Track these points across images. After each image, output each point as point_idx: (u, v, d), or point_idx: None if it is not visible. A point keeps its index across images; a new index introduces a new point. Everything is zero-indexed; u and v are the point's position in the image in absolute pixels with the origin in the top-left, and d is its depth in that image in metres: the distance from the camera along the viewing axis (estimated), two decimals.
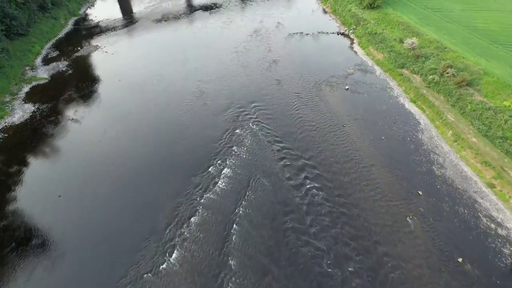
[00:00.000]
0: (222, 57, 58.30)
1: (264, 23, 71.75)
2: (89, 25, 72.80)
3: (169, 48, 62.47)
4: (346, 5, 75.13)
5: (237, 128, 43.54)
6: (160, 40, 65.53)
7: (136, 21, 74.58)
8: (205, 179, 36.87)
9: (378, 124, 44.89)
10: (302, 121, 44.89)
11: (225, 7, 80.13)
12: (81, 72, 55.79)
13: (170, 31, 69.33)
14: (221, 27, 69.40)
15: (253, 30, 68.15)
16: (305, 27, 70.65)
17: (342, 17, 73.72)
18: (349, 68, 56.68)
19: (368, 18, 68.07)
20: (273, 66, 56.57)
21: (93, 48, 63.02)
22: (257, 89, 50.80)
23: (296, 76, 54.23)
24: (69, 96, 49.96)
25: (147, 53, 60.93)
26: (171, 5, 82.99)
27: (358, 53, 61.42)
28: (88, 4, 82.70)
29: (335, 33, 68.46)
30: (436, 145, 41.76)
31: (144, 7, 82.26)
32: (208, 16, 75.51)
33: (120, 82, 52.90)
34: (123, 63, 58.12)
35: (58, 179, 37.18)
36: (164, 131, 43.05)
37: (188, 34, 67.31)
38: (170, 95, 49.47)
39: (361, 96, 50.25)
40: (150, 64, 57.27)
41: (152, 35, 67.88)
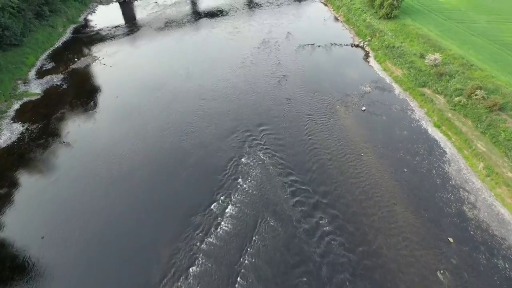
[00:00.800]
0: (228, 72, 54.11)
1: (273, 33, 67.44)
2: (89, 33, 69.06)
3: (171, 60, 58.43)
4: (361, 14, 70.56)
5: (243, 156, 39.36)
6: (162, 51, 61.56)
7: (137, 29, 70.73)
8: (207, 219, 32.76)
9: (399, 153, 40.44)
10: (316, 149, 40.57)
11: (232, 15, 75.96)
12: (76, 87, 51.97)
13: (173, 41, 65.35)
14: (227, 37, 65.24)
15: (261, 41, 63.88)
16: (316, 37, 66.24)
17: (356, 27, 69.17)
18: (365, 86, 52.22)
19: (384, 29, 63.48)
20: (283, 82, 52.29)
21: (91, 59, 59.23)
22: (265, 110, 46.56)
23: (308, 94, 49.91)
24: (62, 115, 46.13)
25: (148, 66, 56.96)
26: (175, 11, 79.04)
27: (375, 68, 56.89)
28: (89, 10, 79.02)
29: (349, 45, 63.95)
30: (465, 180, 37.21)
31: (147, 14, 78.38)
32: (214, 24, 71.41)
33: (117, 100, 48.98)
34: (121, 77, 54.21)
35: (41, 217, 33.29)
36: (162, 160, 38.93)
37: (192, 45, 63.23)
38: (170, 116, 45.40)
39: (379, 119, 45.79)
40: (150, 79, 53.28)
41: (153, 45, 63.95)
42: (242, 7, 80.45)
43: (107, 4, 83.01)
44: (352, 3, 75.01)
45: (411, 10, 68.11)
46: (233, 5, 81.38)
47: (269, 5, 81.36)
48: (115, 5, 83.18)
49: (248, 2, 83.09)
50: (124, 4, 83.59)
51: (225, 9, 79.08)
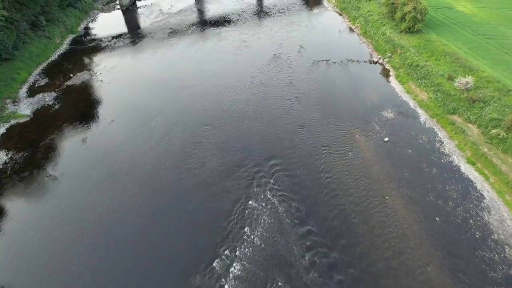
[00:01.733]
0: (235, 95, 49.12)
1: (284, 47, 62.45)
2: (88, 44, 64.81)
3: (172, 78, 53.76)
4: (379, 27, 65.23)
5: (251, 198, 34.52)
6: (163, 67, 56.94)
7: (139, 39, 66.29)
8: (208, 281, 28.01)
9: (429, 197, 35.23)
10: (333, 191, 35.55)
11: (240, 26, 71.11)
12: (69, 108, 47.60)
13: (176, 55, 60.72)
14: (234, 52, 60.31)
15: (272, 57, 58.93)
16: (331, 52, 61.13)
17: (374, 41, 63.86)
18: (387, 111, 47.01)
19: (406, 45, 58.10)
20: (295, 106, 47.31)
21: (88, 75, 54.85)
22: (276, 140, 41.63)
23: (323, 121, 44.88)
24: (51, 142, 41.76)
25: (147, 84, 52.41)
26: (180, 20, 74.47)
27: (396, 90, 51.60)
28: (89, 19, 74.80)
29: (367, 62, 58.69)
30: (511, 234, 31.93)
31: (150, 23, 73.95)
32: (220, 36, 66.62)
33: (112, 124, 44.47)
34: (118, 98, 49.73)
35: (16, 272, 28.85)
36: (157, 205, 34.07)
37: (196, 60, 58.46)
38: (169, 146, 40.71)
39: (404, 152, 40.58)
40: (149, 100, 48.75)
41: (155, 59, 59.40)
42: (251, 16, 75.61)
43: (108, 12, 78.83)
44: (370, 14, 69.69)
45: (435, 23, 62.60)
46: (241, 14, 76.56)
47: (280, 15, 76.36)
48: (117, 12, 78.94)
49: (258, 12, 78.22)
50: (127, 12, 79.30)
51: (233, 19, 74.32)
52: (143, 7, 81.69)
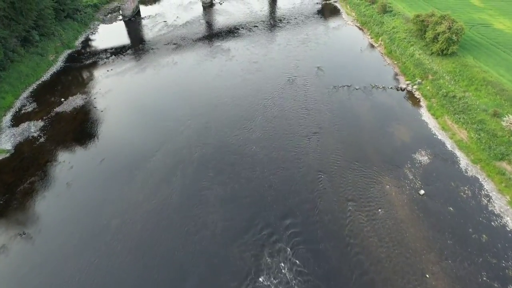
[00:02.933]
0: (245, 131, 42.48)
1: (300, 68, 56.03)
2: (85, 61, 59.20)
3: (174, 106, 47.78)
4: (407, 46, 58.31)
5: (262, 274, 28.25)
6: (164, 92, 50.93)
7: (140, 56, 60.50)
8: None
9: (481, 276, 28.53)
10: (361, 264, 29.08)
11: (251, 41, 64.84)
12: (56, 141, 41.90)
13: (178, 78, 54.64)
14: (244, 76, 53.66)
15: (286, 81, 52.55)
16: (353, 75, 54.58)
17: (401, 63, 57.00)
18: (420, 153, 40.31)
19: (439, 70, 51.20)
20: (313, 145, 40.89)
21: (81, 99, 49.19)
22: (292, 192, 35.17)
23: (346, 165, 38.40)
24: (30, 187, 36.07)
25: (146, 113, 46.49)
26: (185, 34, 68.54)
27: (430, 126, 44.79)
28: (88, 31, 69.30)
29: (394, 88, 51.94)
30: None
31: (154, 36, 68.16)
32: (228, 55, 60.41)
33: (102, 165, 38.65)
34: (112, 129, 43.90)
35: None
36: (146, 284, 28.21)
37: (202, 84, 52.29)
38: (166, 197, 34.53)
39: (444, 211, 33.87)
40: (146, 133, 42.84)
41: (155, 82, 53.45)
42: (263, 31, 69.28)
43: (110, 23, 73.26)
44: (395, 31, 62.79)
45: (471, 44, 55.51)
46: (252, 28, 70.34)
47: (294, 29, 69.89)
48: (119, 24, 73.33)
49: (270, 26, 71.83)
50: (130, 23, 73.69)
51: (243, 34, 68.09)
52: (147, 18, 76.00)
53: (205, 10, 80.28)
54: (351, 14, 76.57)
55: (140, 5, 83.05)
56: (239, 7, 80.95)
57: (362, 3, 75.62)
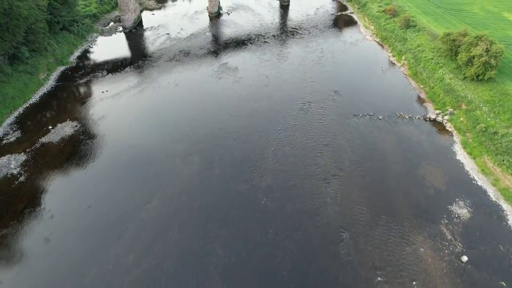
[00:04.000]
0: (253, 176, 36.29)
1: (315, 91, 50.24)
2: (79, 79, 54.07)
3: (173, 138, 42.23)
4: (435, 68, 52.18)
5: None
6: (163, 120, 45.35)
7: (139, 75, 55.13)
8: None
9: None
10: None
11: (260, 58, 59.09)
12: (37, 181, 36.72)
13: (180, 102, 49.04)
14: (252, 104, 47.49)
15: (299, 108, 46.80)
16: (374, 101, 48.76)
17: (428, 88, 50.93)
18: (457, 204, 34.37)
19: (474, 99, 45.08)
20: (332, 192, 35.09)
21: (70, 127, 43.97)
22: (310, 261, 29.46)
23: (372, 220, 32.61)
24: (2, 242, 30.98)
25: (141, 147, 41.05)
26: (189, 48, 63.15)
27: (467, 168, 38.74)
28: (85, 44, 64.20)
29: (421, 118, 45.94)
30: None
31: (156, 49, 62.85)
32: (236, 74, 54.70)
33: (89, 213, 33.37)
34: (102, 166, 38.53)
35: None
36: None
37: (205, 111, 46.71)
38: (157, 264, 29.02)
39: (495, 286, 28.00)
40: (140, 172, 37.44)
41: (154, 107, 47.96)
42: (274, 45, 63.44)
43: (109, 35, 68.14)
44: (421, 49, 56.63)
45: (509, 67, 49.21)
46: (262, 42, 64.58)
47: (308, 44, 63.99)
48: (119, 36, 68.20)
49: (281, 40, 66.01)
50: (130, 35, 68.57)
51: (252, 49, 62.37)
52: (149, 29, 70.79)
53: (211, 21, 74.86)
54: (369, 27, 70.50)
55: (144, 12, 78.09)
56: (248, 18, 75.38)
57: (382, 15, 69.52)
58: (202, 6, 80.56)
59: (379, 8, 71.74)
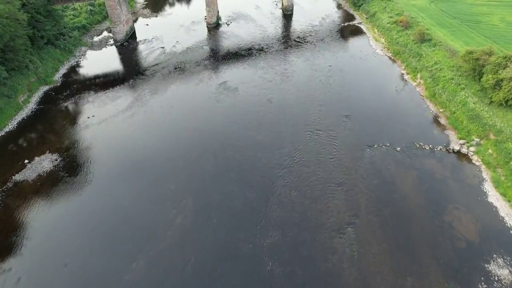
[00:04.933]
0: (255, 231, 31.14)
1: (323, 116, 45.15)
2: (63, 102, 49.05)
3: (165, 174, 37.20)
4: (456, 90, 47.13)
5: None
6: (154, 152, 40.21)
7: (129, 97, 50.14)
8: None
9: None
10: None
11: (262, 78, 53.88)
12: (5, 232, 31.77)
13: (174, 128, 44.13)
14: (253, 134, 42.35)
15: (307, 137, 41.77)
16: (390, 127, 43.87)
17: (449, 112, 45.88)
18: (495, 262, 29.37)
19: (505, 128, 39.95)
20: (347, 247, 30.03)
21: (49, 161, 38.98)
22: None
23: (397, 283, 27.68)
24: None
25: (128, 186, 36.13)
26: (185, 63, 58.20)
27: (501, 212, 33.63)
28: (73, 60, 59.18)
29: (444, 150, 40.98)
30: None
31: (148, 66, 57.82)
32: (235, 95, 49.68)
33: (64, 273, 28.42)
34: (82, 212, 33.42)
35: None
36: None
37: (200, 140, 41.72)
38: None
39: None
40: (126, 221, 32.48)
41: (145, 134, 42.92)
42: (277, 64, 58.12)
43: (99, 49, 63.18)
44: (438, 67, 51.58)
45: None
46: (264, 58, 59.49)
47: (314, 60, 58.88)
48: (110, 50, 63.26)
49: (284, 53, 61.01)
50: (122, 49, 63.61)
51: (253, 65, 57.22)
52: (143, 42, 65.80)
53: (209, 33, 69.86)
54: (379, 40, 65.49)
55: (138, 21, 73.12)
56: (249, 29, 70.39)
57: (393, 27, 64.45)
58: (200, 16, 75.55)
59: (389, 19, 66.70)
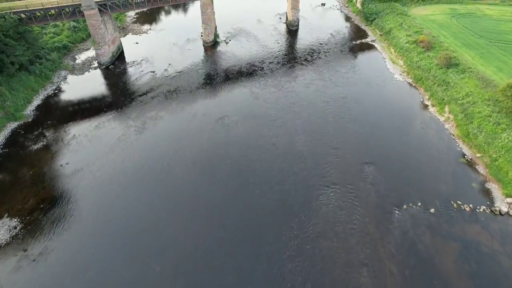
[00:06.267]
0: None
1: (339, 165, 37.91)
2: (32, 144, 41.60)
3: (149, 249, 30.01)
4: (495, 131, 39.70)
5: None
6: (135, 215, 32.92)
7: (112, 135, 42.94)
8: None
9: None
10: None
11: (265, 114, 46.45)
12: None
13: (160, 182, 36.72)
14: (255, 194, 35.28)
15: (320, 196, 34.46)
16: (418, 179, 36.66)
17: (489, 159, 38.51)
18: None
19: None
20: None
21: (5, 231, 31.34)
22: None
23: None
24: None
25: (102, 261, 29.08)
26: (178, 91, 51.02)
27: None
28: (49, 88, 51.88)
29: (487, 210, 33.72)
30: None
31: (135, 95, 50.60)
32: (234, 140, 42.08)
33: None
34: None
35: None
36: None
37: (194, 198, 34.56)
38: None
39: None
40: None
41: (126, 190, 35.65)
42: (282, 93, 50.77)
43: (81, 74, 55.91)
44: (471, 101, 44.17)
45: None
46: (266, 90, 52.09)
47: (324, 89, 51.50)
48: (93, 74, 56.00)
49: (291, 82, 53.64)
50: (107, 72, 56.38)
51: (253, 97, 49.77)
52: (131, 64, 58.59)
53: (206, 52, 62.65)
54: (397, 62, 58.21)
55: (126, 37, 65.92)
56: (250, 49, 63.15)
57: (413, 48, 57.18)
58: (196, 32, 68.36)
59: (408, 38, 59.44)
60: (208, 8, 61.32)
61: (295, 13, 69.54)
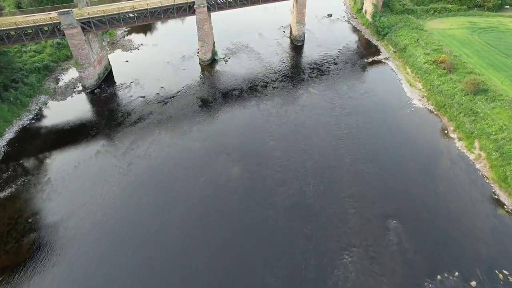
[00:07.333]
0: None
1: (358, 223, 32.00)
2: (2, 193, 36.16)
3: None
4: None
5: None
6: (117, 279, 27.73)
7: (92, 178, 37.16)
8: None
9: None
10: None
11: (268, 155, 40.34)
12: None
13: (147, 241, 31.24)
14: (259, 270, 30.06)
15: (337, 269, 28.70)
16: (453, 238, 30.87)
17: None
18: None
19: None
20: None
21: None
22: None
23: None
24: None
25: None
26: (170, 119, 45.28)
27: None
28: (25, 117, 45.93)
29: None
30: None
31: (122, 126, 44.83)
32: (232, 191, 36.45)
33: None
34: None
35: None
36: None
37: (185, 262, 29.08)
38: None
39: None
40: None
41: (105, 256, 30.14)
42: (286, 134, 44.46)
43: (63, 99, 50.08)
44: (506, 137, 38.22)
45: None
46: (270, 115, 46.11)
47: (336, 121, 45.33)
48: (77, 99, 50.19)
49: (296, 112, 47.74)
50: (93, 97, 50.52)
51: (255, 130, 43.88)
52: (119, 87, 52.72)
53: (203, 72, 56.77)
54: (415, 85, 52.27)
55: (115, 54, 60.11)
56: (251, 67, 57.26)
57: (433, 69, 51.25)
58: (192, 48, 62.47)
59: (426, 57, 53.48)
60: (205, 23, 55.42)
61: (300, 27, 63.66)
